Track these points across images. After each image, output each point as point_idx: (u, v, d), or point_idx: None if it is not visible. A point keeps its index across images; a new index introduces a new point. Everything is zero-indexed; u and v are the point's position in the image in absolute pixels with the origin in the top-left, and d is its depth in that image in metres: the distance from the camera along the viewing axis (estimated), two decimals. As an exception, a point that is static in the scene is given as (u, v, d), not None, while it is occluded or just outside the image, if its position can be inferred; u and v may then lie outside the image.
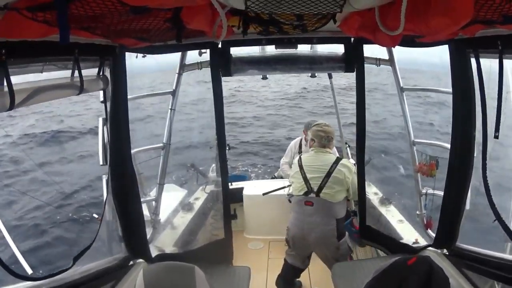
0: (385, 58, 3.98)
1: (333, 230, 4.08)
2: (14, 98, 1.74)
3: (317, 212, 4.12)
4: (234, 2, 1.54)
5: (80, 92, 2.44)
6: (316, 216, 4.11)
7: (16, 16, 1.37)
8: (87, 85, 2.49)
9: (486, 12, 1.62)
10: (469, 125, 3.03)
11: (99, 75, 2.82)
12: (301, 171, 4.32)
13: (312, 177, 4.23)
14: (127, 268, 3.29)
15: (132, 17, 1.80)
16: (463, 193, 3.22)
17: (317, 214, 4.11)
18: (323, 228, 4.08)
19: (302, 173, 4.31)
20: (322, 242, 4.14)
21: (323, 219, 4.09)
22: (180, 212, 5.26)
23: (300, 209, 4.24)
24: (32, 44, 1.74)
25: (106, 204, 3.18)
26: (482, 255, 3.09)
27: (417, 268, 1.76)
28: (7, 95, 1.72)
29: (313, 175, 4.24)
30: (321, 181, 4.16)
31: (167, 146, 4.11)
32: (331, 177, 4.15)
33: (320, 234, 4.09)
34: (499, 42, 2.34)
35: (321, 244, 4.16)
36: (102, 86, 2.87)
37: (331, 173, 4.17)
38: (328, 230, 4.08)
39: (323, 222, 4.09)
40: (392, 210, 5.22)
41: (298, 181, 4.33)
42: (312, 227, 4.11)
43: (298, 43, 3.73)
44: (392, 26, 1.78)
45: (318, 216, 4.11)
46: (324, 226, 4.09)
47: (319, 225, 4.09)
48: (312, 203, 4.16)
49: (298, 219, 4.24)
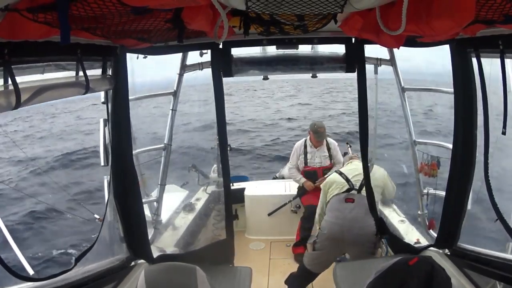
0: (386, 58, 3.99)
1: (372, 226, 4.07)
2: (20, 96, 1.74)
3: (358, 208, 4.13)
4: (235, 3, 1.54)
5: (87, 92, 2.43)
6: (357, 211, 4.13)
7: (17, 17, 1.38)
8: (93, 85, 2.49)
9: (487, 12, 1.61)
10: (471, 125, 3.03)
11: (104, 74, 2.82)
12: (342, 176, 4.43)
13: (353, 176, 4.35)
14: (128, 269, 3.30)
15: (133, 18, 1.80)
16: (464, 193, 3.21)
17: (358, 210, 4.13)
18: (363, 224, 4.08)
19: (343, 176, 4.41)
20: (360, 238, 4.12)
21: (363, 216, 4.10)
22: (181, 212, 5.26)
23: (340, 207, 4.24)
24: (34, 44, 1.75)
25: (108, 205, 3.18)
26: (484, 255, 3.09)
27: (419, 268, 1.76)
28: (13, 94, 1.72)
29: (353, 175, 4.37)
30: (361, 180, 4.23)
31: (168, 147, 4.12)
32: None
33: (360, 230, 4.08)
34: (500, 42, 2.34)
35: (359, 241, 4.13)
36: (108, 85, 2.87)
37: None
38: (368, 226, 4.08)
39: (364, 218, 4.09)
40: (395, 210, 5.22)
41: (338, 181, 4.40)
42: (353, 224, 4.09)
43: (299, 43, 3.73)
44: (393, 26, 1.78)
45: (359, 212, 4.12)
46: (365, 221, 4.09)
47: (360, 220, 4.09)
48: (353, 200, 4.19)
49: (337, 217, 4.21)
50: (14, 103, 1.73)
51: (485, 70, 2.66)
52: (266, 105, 35.18)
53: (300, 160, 6.02)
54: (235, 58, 3.83)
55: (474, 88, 2.93)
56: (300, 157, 6.03)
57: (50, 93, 2.08)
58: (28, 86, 1.87)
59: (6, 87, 1.71)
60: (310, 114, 27.00)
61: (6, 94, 1.70)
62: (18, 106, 1.76)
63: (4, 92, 1.70)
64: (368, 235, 4.07)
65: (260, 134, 21.86)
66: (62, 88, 2.25)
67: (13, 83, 1.71)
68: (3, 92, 1.70)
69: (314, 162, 5.91)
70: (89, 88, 2.42)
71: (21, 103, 1.77)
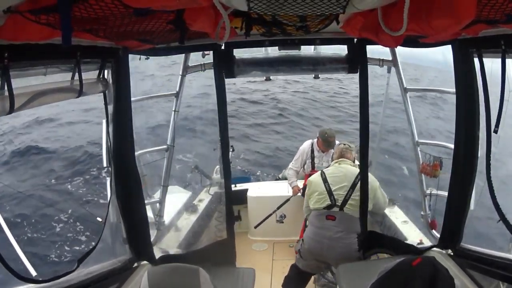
0: (388, 59, 3.98)
1: (354, 244, 3.98)
2: (14, 102, 1.75)
3: (339, 227, 4.01)
4: (237, 4, 1.54)
5: (79, 95, 2.43)
6: (336, 231, 4.01)
7: (19, 18, 1.38)
8: (86, 88, 2.49)
9: (489, 12, 1.61)
10: (473, 125, 3.03)
11: (99, 77, 2.82)
12: (325, 185, 4.20)
13: (337, 189, 4.14)
14: (131, 270, 3.30)
15: (135, 19, 1.81)
16: (467, 194, 3.21)
17: (338, 229, 4.01)
18: (344, 243, 3.98)
19: (326, 186, 4.19)
20: (343, 257, 3.98)
21: (344, 235, 3.99)
22: (184, 213, 5.27)
23: (320, 223, 4.12)
24: (35, 47, 1.75)
25: (110, 206, 3.18)
26: (487, 255, 3.08)
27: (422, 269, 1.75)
28: (7, 99, 1.73)
29: (337, 186, 4.15)
30: (346, 193, 4.08)
31: (171, 148, 4.12)
32: (355, 189, 4.06)
33: (342, 249, 3.98)
34: (502, 42, 2.34)
35: (342, 259, 3.97)
36: (102, 88, 2.86)
37: (356, 184, 4.07)
38: (350, 244, 3.98)
39: (345, 238, 3.99)
40: (396, 211, 5.21)
41: (320, 193, 4.20)
42: (333, 243, 4.00)
43: (301, 44, 3.73)
44: (395, 26, 1.78)
45: (340, 232, 4.00)
46: (346, 241, 3.98)
47: (341, 240, 3.98)
48: (334, 217, 4.04)
49: (317, 234, 4.11)
50: (8, 108, 1.74)
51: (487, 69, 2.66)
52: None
53: (307, 164, 6.00)
54: (237, 59, 3.83)
55: (476, 88, 2.92)
56: (307, 162, 6.01)
57: (44, 98, 2.09)
58: (22, 92, 1.88)
59: (1, 93, 1.72)
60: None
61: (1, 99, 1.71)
62: (11, 111, 1.77)
63: None
64: (351, 253, 3.99)
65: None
66: (56, 92, 2.25)
67: (8, 88, 1.72)
68: None
69: (321, 166, 5.81)
70: (82, 92, 2.43)
71: (15, 109, 1.78)
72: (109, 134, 3.07)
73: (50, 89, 2.18)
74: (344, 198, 4.07)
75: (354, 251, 3.99)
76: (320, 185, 4.23)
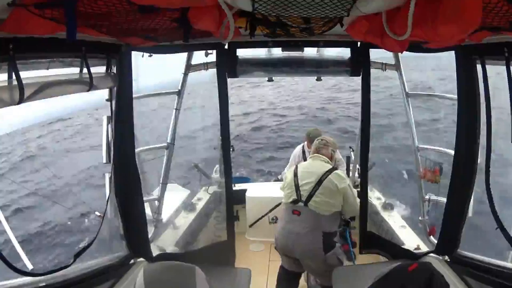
0: (391, 63, 3.98)
1: (318, 243, 3.84)
2: (23, 92, 1.76)
3: (304, 223, 3.91)
4: (242, 4, 1.54)
5: (90, 89, 2.44)
6: (302, 226, 3.90)
7: (24, 12, 1.38)
8: (97, 82, 2.49)
9: (493, 19, 1.61)
10: (474, 132, 3.02)
11: (108, 72, 2.83)
12: (295, 179, 4.11)
13: (303, 184, 4.03)
14: (127, 267, 3.30)
15: (139, 16, 1.81)
16: (466, 200, 3.20)
17: (304, 225, 3.90)
18: (308, 240, 3.87)
19: (295, 180, 4.10)
20: (307, 255, 3.92)
21: (308, 231, 3.87)
22: (182, 212, 5.26)
23: (287, 218, 4.05)
24: (39, 40, 1.75)
25: (108, 202, 3.19)
26: (484, 262, 3.08)
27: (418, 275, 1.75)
28: (17, 89, 1.74)
29: (304, 181, 4.04)
30: (311, 189, 3.96)
31: (171, 146, 4.12)
32: (321, 186, 3.94)
33: (305, 246, 3.88)
34: (506, 49, 2.34)
35: (307, 256, 3.94)
36: (112, 83, 2.87)
37: (322, 181, 3.95)
38: (314, 242, 3.85)
39: (309, 234, 3.87)
40: (394, 216, 5.21)
41: (289, 188, 4.13)
42: (297, 238, 3.90)
43: (305, 46, 3.73)
44: (399, 31, 1.78)
45: (304, 227, 3.89)
46: (310, 238, 3.87)
47: (304, 236, 3.87)
48: (299, 212, 3.96)
49: (284, 229, 4.03)
50: (18, 98, 1.74)
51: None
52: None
53: None
54: (240, 59, 3.84)
55: (478, 95, 2.92)
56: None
57: (53, 89, 2.09)
58: (31, 82, 1.89)
59: (10, 82, 1.72)
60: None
61: (10, 89, 1.71)
62: (21, 102, 1.78)
63: (8, 88, 1.71)
64: (316, 251, 3.86)
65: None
66: (66, 84, 2.26)
67: (17, 78, 1.73)
68: (7, 87, 1.71)
69: None
70: (92, 86, 2.43)
71: (24, 99, 1.78)
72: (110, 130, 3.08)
73: (60, 81, 2.19)
74: (309, 194, 3.95)
75: (318, 250, 3.85)
76: (290, 180, 4.16)
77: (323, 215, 3.88)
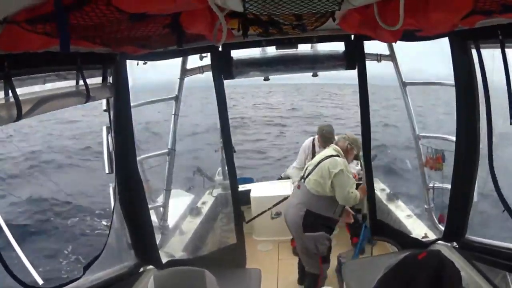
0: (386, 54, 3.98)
1: (299, 217, 4.18)
2: (21, 108, 1.75)
3: (298, 196, 4.36)
4: (233, 5, 1.54)
5: (87, 101, 2.44)
6: (296, 198, 4.38)
7: (16, 29, 1.38)
8: (94, 93, 2.49)
9: (484, 2, 1.61)
10: (473, 117, 3.02)
11: (105, 82, 2.82)
12: (309, 162, 4.68)
13: (309, 165, 4.54)
14: (137, 275, 3.30)
15: (131, 25, 1.81)
16: (470, 186, 3.20)
17: (297, 198, 4.37)
18: (293, 212, 4.27)
19: (307, 162, 4.80)
20: (291, 226, 4.35)
21: (297, 204, 4.27)
22: (188, 217, 5.26)
23: (293, 191, 4.68)
24: (34, 55, 1.76)
25: (114, 212, 3.18)
26: (492, 246, 3.08)
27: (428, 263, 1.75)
28: (14, 106, 1.73)
29: (312, 164, 4.46)
30: (311, 170, 4.35)
31: (172, 152, 4.12)
32: (317, 167, 4.29)
33: (290, 216, 4.30)
34: (500, 32, 2.34)
35: (291, 227, 4.36)
36: (109, 93, 2.87)
37: (319, 164, 4.31)
38: (296, 215, 4.22)
39: (296, 207, 4.26)
40: (400, 206, 5.21)
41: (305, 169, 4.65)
42: (290, 210, 4.34)
43: (298, 43, 3.73)
44: (391, 21, 1.77)
45: (296, 199, 4.36)
46: (295, 210, 4.26)
47: (293, 208, 4.29)
48: (299, 186, 4.45)
49: (288, 200, 4.69)
50: (16, 115, 1.74)
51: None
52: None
53: (308, 159, 6.01)
54: (235, 60, 3.83)
55: (476, 80, 2.92)
56: (308, 157, 6.02)
57: (51, 103, 2.09)
58: (28, 98, 1.89)
59: (7, 99, 1.72)
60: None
61: (7, 107, 1.71)
62: (19, 118, 1.77)
63: (5, 105, 1.71)
64: (296, 224, 4.23)
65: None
66: (63, 98, 2.26)
67: (13, 95, 1.72)
68: (4, 104, 1.71)
69: None
70: (89, 97, 2.43)
71: (23, 115, 1.78)
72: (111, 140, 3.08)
73: (56, 94, 2.19)
74: (308, 173, 4.39)
75: (297, 223, 4.22)
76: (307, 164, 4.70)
77: (312, 194, 4.25)
